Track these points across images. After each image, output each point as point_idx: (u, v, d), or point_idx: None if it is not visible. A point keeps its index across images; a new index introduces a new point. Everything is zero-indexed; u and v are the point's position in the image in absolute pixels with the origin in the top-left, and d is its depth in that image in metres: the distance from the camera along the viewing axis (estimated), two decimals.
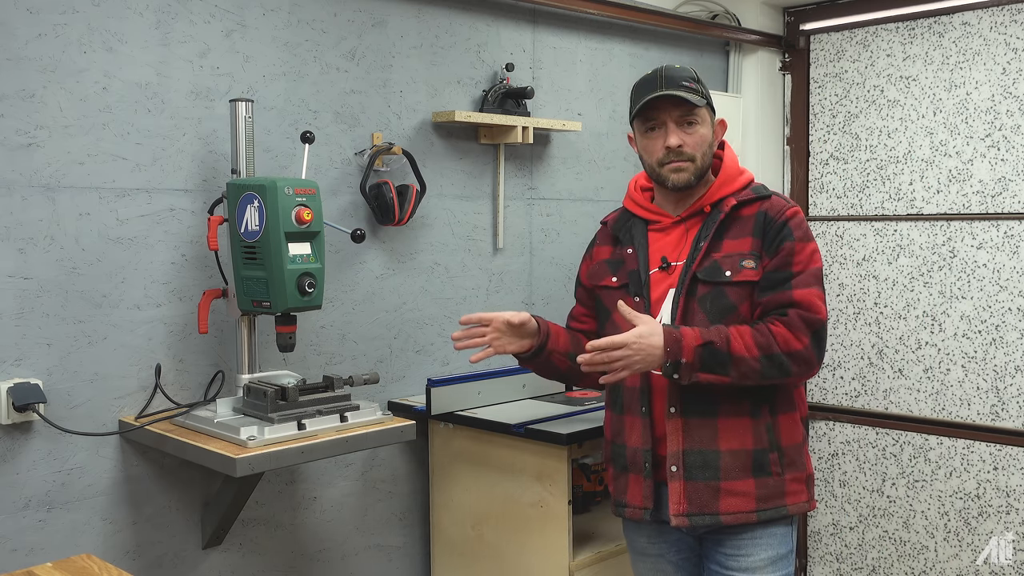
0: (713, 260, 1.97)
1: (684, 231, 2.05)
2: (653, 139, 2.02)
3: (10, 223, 2.04)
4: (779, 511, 1.96)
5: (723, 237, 1.99)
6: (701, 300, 1.96)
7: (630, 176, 3.41)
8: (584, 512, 2.78)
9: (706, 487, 1.94)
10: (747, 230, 1.98)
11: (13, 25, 2.03)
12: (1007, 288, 3.26)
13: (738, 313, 1.95)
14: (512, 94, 2.87)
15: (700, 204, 2.03)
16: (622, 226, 2.15)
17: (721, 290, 1.95)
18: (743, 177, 2.05)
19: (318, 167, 2.52)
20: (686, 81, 1.98)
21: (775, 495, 1.96)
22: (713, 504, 1.94)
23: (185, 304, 2.31)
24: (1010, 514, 3.27)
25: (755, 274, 1.94)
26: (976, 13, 3.29)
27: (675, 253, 2.03)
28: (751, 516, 1.95)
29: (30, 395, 2.04)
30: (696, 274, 1.97)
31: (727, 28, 3.58)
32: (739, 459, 1.94)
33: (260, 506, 2.47)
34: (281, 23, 2.45)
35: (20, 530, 2.09)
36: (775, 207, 1.99)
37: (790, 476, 1.98)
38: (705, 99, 2.00)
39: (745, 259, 1.95)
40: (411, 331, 2.77)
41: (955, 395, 3.39)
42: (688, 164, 1.99)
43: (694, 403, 1.95)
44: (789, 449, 1.98)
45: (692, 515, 1.95)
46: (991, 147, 3.28)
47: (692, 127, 1.99)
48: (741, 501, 1.94)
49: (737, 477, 1.94)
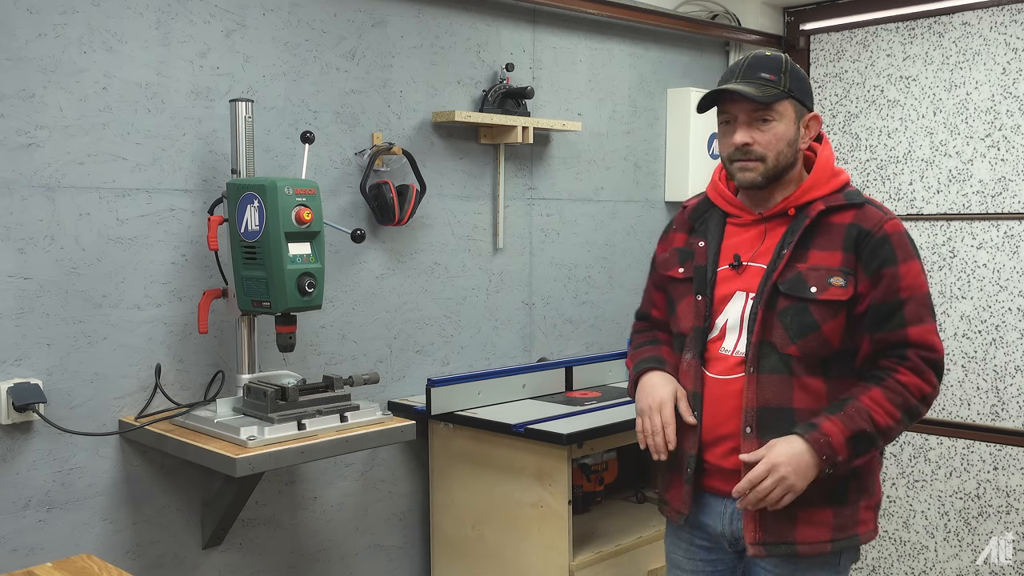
0: (797, 271, 1.81)
1: (763, 231, 1.89)
2: (725, 133, 1.88)
3: (10, 223, 2.04)
4: (851, 541, 1.85)
5: (809, 246, 1.82)
6: (782, 314, 1.81)
7: (630, 176, 3.44)
8: (584, 512, 2.78)
9: (783, 514, 1.80)
10: (837, 242, 1.81)
11: (13, 25, 2.03)
12: (1007, 288, 3.26)
13: (820, 332, 1.80)
14: (512, 94, 2.87)
15: (785, 205, 1.87)
16: (700, 215, 1.99)
17: (804, 306, 1.80)
18: (837, 179, 1.88)
19: (318, 167, 2.52)
20: (766, 72, 1.82)
21: (849, 524, 1.84)
22: (790, 533, 1.81)
23: (185, 304, 2.31)
24: (1010, 514, 3.27)
25: (843, 293, 1.79)
26: (976, 13, 3.29)
27: (750, 252, 1.88)
28: (826, 547, 1.82)
29: (30, 395, 2.04)
30: (778, 285, 1.81)
31: (727, 28, 3.58)
32: (815, 486, 1.78)
33: (260, 506, 2.47)
34: (281, 23, 2.45)
35: (20, 530, 2.09)
36: (870, 219, 1.82)
37: (863, 504, 1.87)
38: (786, 92, 1.82)
39: (834, 276, 1.79)
40: (411, 331, 2.77)
41: (955, 395, 3.39)
42: (757, 164, 1.83)
43: (770, 423, 1.81)
44: (866, 476, 1.87)
45: (768, 544, 1.82)
46: (991, 147, 3.28)
47: (767, 124, 1.82)
48: (818, 531, 1.82)
49: (814, 504, 1.81)
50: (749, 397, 1.82)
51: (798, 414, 1.80)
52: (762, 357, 1.82)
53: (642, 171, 3.43)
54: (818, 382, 1.83)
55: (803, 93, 1.87)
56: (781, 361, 1.81)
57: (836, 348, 1.82)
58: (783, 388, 1.81)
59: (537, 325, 3.12)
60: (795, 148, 1.86)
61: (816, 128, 1.90)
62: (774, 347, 1.82)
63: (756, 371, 1.82)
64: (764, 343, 1.82)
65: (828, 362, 1.83)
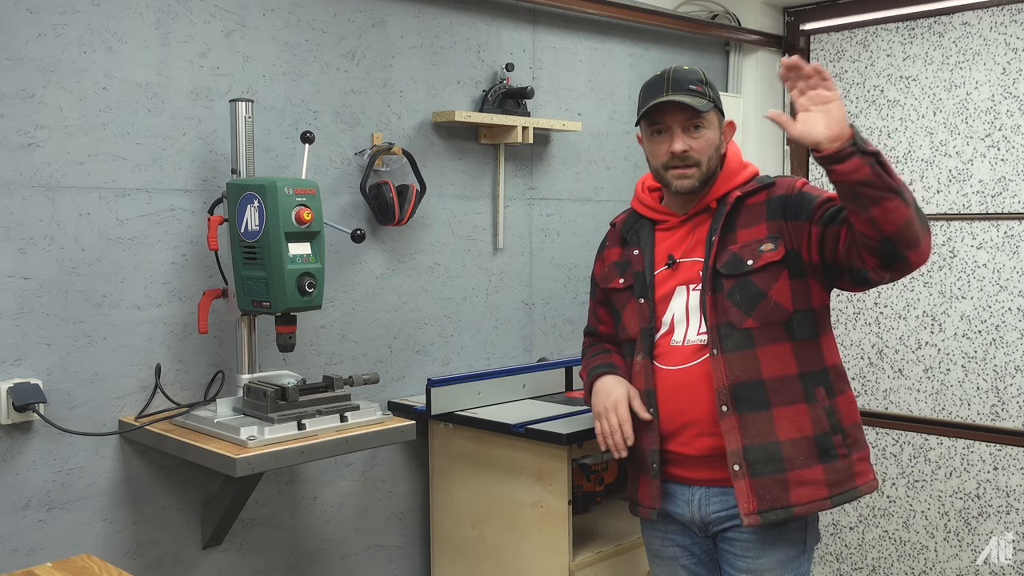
0: (731, 253, 1.95)
1: (690, 228, 2.04)
2: (659, 143, 2.00)
3: (10, 223, 2.04)
4: (851, 493, 1.94)
5: (735, 228, 1.97)
6: (730, 293, 1.93)
7: (630, 176, 3.44)
8: (584, 512, 2.78)
9: (773, 481, 1.89)
10: (760, 216, 1.96)
11: (13, 25, 2.03)
12: (1007, 288, 3.26)
13: (769, 298, 1.92)
14: (512, 94, 2.87)
15: (706, 201, 2.02)
16: (630, 227, 2.14)
17: (747, 279, 1.92)
18: (747, 171, 2.04)
19: (318, 167, 2.52)
20: (693, 84, 1.97)
21: (845, 478, 1.93)
22: (784, 497, 1.89)
23: (185, 304, 2.31)
24: (1010, 514, 3.27)
25: (776, 254, 1.92)
26: (976, 13, 3.29)
27: (681, 250, 2.03)
28: (825, 503, 1.91)
29: (30, 395, 2.04)
30: (717, 269, 1.94)
31: (727, 28, 3.58)
32: (801, 447, 1.90)
33: (260, 506, 2.47)
34: (281, 23, 2.45)
35: (20, 530, 2.09)
36: (782, 186, 1.98)
37: (857, 456, 1.95)
38: (713, 102, 1.98)
39: (763, 243, 1.93)
40: (411, 331, 2.77)
41: (955, 395, 3.39)
42: (693, 170, 1.97)
43: (745, 398, 1.91)
44: (851, 428, 1.96)
45: (764, 512, 1.89)
46: (991, 147, 3.28)
47: (699, 131, 1.97)
48: (812, 490, 1.90)
49: (804, 466, 1.90)
50: (719, 378, 1.92)
51: (769, 383, 1.91)
52: (723, 338, 1.93)
53: (642, 171, 3.39)
54: (784, 347, 1.93)
55: (721, 102, 2.05)
56: (744, 336, 1.92)
57: (790, 310, 1.93)
58: (750, 362, 1.92)
59: (537, 325, 3.12)
60: (720, 153, 2.03)
61: (731, 133, 2.07)
62: (733, 326, 1.93)
63: (720, 351, 1.92)
64: (721, 325, 1.93)
65: (789, 325, 1.93)
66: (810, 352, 1.95)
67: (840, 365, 2.02)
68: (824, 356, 1.98)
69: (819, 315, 1.98)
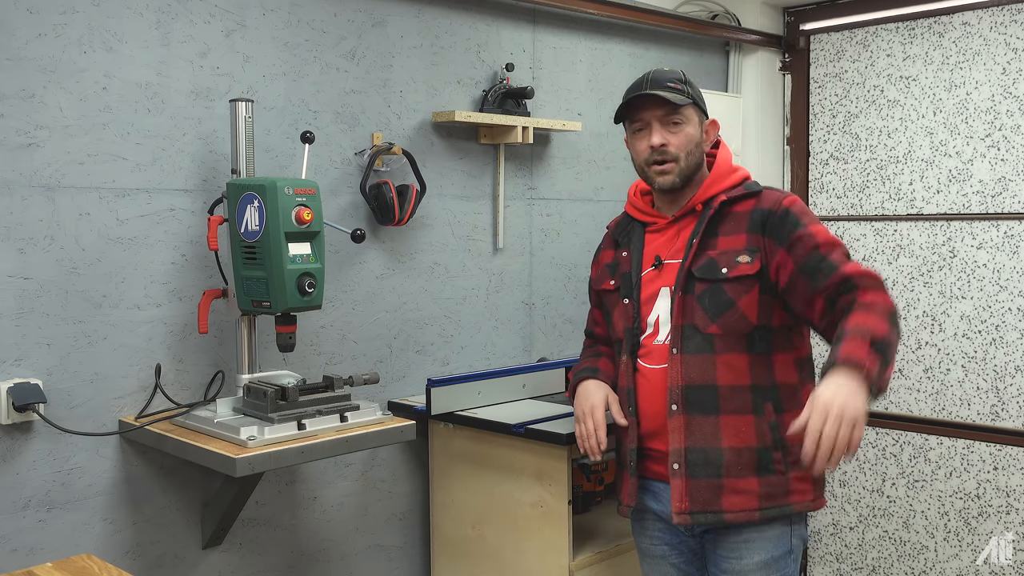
0: (709, 257, 1.98)
1: (677, 230, 2.07)
2: (639, 139, 2.06)
3: (10, 223, 2.04)
4: (783, 510, 1.96)
5: (717, 234, 2.00)
6: (700, 297, 1.97)
7: (630, 176, 3.42)
8: (584, 512, 2.78)
9: (708, 485, 1.94)
10: (742, 227, 1.98)
11: (13, 25, 2.03)
12: (1007, 288, 3.26)
13: (736, 308, 1.95)
14: (512, 94, 2.87)
15: (692, 203, 2.05)
16: (623, 230, 2.19)
17: (719, 287, 1.96)
18: (735, 175, 2.06)
19: (318, 167, 2.52)
20: (671, 82, 2.01)
21: (779, 493, 1.96)
22: (716, 502, 1.94)
23: (185, 304, 2.31)
24: (1010, 514, 3.27)
25: (751, 267, 1.94)
26: (976, 13, 3.29)
27: (667, 251, 2.06)
28: (753, 515, 1.94)
29: (30, 395, 2.04)
30: (692, 271, 1.98)
31: (727, 28, 3.58)
32: (742, 457, 1.94)
33: (260, 506, 2.47)
34: (281, 23, 2.45)
35: (20, 530, 2.09)
36: (768, 200, 1.99)
37: (795, 475, 1.97)
38: (691, 99, 2.01)
39: (740, 255, 1.96)
40: (411, 331, 2.77)
41: (955, 395, 3.39)
42: (672, 165, 2.01)
43: (695, 400, 1.95)
44: (795, 448, 1.92)
45: (694, 513, 1.95)
46: (991, 147, 3.28)
47: (677, 127, 2.01)
48: (744, 499, 1.94)
49: (739, 475, 1.94)
50: (674, 376, 1.96)
51: (722, 390, 1.94)
52: (685, 339, 1.97)
53: None
54: (741, 359, 1.96)
55: (702, 101, 2.07)
56: (705, 341, 1.96)
57: (755, 324, 1.96)
58: (707, 366, 1.95)
59: (537, 325, 3.12)
60: (701, 150, 2.06)
61: (714, 133, 2.10)
62: (696, 329, 1.97)
63: (680, 352, 1.97)
64: (686, 326, 1.98)
65: (751, 338, 1.96)
66: (763, 367, 1.97)
67: (793, 384, 1.99)
68: (775, 373, 1.98)
69: (776, 334, 1.99)
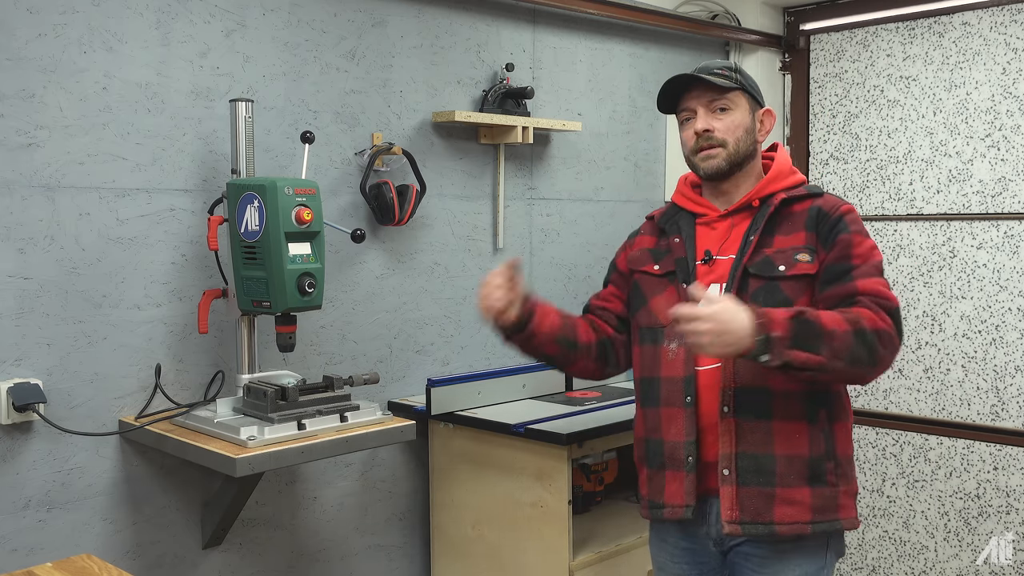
0: (765, 255, 1.87)
1: (730, 226, 1.95)
2: (686, 129, 1.97)
3: (10, 223, 2.04)
4: (832, 524, 1.84)
5: (774, 232, 1.90)
6: (754, 295, 1.84)
7: (630, 176, 3.44)
8: (584, 512, 2.78)
9: (760, 493, 1.81)
10: (800, 225, 1.89)
11: (13, 25, 2.03)
12: (1007, 288, 3.26)
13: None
14: (512, 94, 2.87)
15: (748, 199, 1.94)
16: (669, 219, 2.05)
17: (775, 284, 1.84)
18: (795, 176, 1.97)
19: (318, 167, 2.52)
20: (719, 69, 1.93)
21: (830, 507, 1.84)
22: (767, 512, 1.81)
23: (185, 304, 2.31)
24: (1010, 514, 3.27)
25: (811, 267, 1.84)
26: (976, 13, 3.29)
27: (718, 247, 1.94)
28: (805, 528, 1.82)
29: (30, 395, 2.04)
30: (748, 268, 1.86)
31: (727, 28, 3.58)
32: (795, 465, 1.82)
33: (260, 506, 2.48)
34: (281, 23, 2.45)
35: (20, 530, 2.09)
36: (828, 203, 1.90)
37: (844, 488, 1.87)
38: (739, 85, 1.92)
39: (799, 252, 1.86)
40: (411, 331, 2.77)
41: (955, 395, 3.39)
42: (719, 150, 1.91)
43: (747, 403, 1.83)
44: (844, 460, 1.87)
45: (745, 523, 1.81)
46: (991, 147, 3.28)
47: (724, 112, 1.92)
48: (796, 511, 1.81)
49: (792, 484, 1.81)
50: (726, 378, 1.85)
51: (776, 394, 1.83)
52: None
53: (642, 171, 3.43)
54: None
55: (755, 90, 1.97)
56: None
57: None
58: (759, 369, 1.78)
59: None
60: (753, 138, 1.96)
61: (770, 123, 1.99)
62: None
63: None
64: None
65: None
66: None
67: (845, 394, 1.93)
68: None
69: None
